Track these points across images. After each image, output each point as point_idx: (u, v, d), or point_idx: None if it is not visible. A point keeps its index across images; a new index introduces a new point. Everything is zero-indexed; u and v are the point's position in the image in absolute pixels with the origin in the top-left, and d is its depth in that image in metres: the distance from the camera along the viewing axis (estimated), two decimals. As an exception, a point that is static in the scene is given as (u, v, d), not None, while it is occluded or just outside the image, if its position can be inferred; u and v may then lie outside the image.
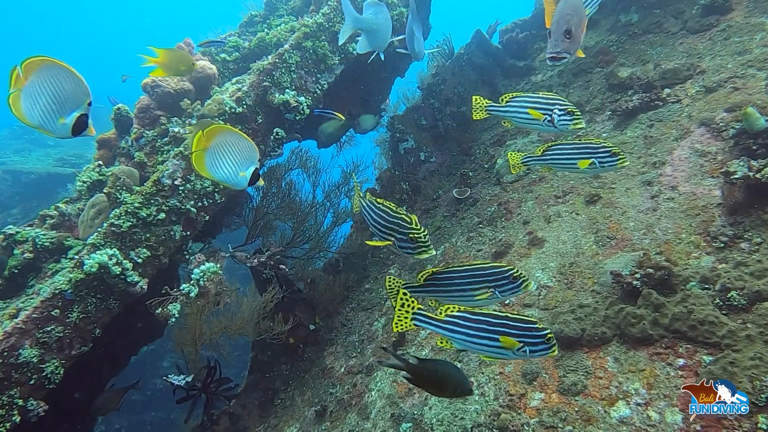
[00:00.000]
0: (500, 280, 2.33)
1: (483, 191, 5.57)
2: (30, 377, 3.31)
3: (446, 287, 2.43)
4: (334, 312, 5.50)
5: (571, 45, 2.47)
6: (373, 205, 2.52)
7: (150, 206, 3.74)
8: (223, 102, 4.02)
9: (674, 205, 3.90)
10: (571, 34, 2.44)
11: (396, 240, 2.41)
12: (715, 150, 4.04)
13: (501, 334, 2.19)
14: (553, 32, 2.48)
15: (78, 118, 2.04)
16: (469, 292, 2.37)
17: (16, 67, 1.92)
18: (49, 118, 1.99)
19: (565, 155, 2.99)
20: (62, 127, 2.02)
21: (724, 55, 4.75)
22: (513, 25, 7.41)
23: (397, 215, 2.43)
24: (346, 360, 4.98)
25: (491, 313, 2.28)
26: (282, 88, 4.29)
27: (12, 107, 1.93)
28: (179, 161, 3.86)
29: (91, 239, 3.58)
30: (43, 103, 1.97)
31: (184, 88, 4.28)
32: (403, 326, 2.38)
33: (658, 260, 3.41)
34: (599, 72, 5.85)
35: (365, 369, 4.64)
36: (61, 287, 3.43)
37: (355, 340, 5.10)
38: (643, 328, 3.21)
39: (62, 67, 1.98)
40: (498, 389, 3.58)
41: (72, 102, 2.01)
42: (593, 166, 2.90)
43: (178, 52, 3.67)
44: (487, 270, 2.36)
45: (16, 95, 1.94)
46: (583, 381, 3.26)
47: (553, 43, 2.47)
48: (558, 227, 4.42)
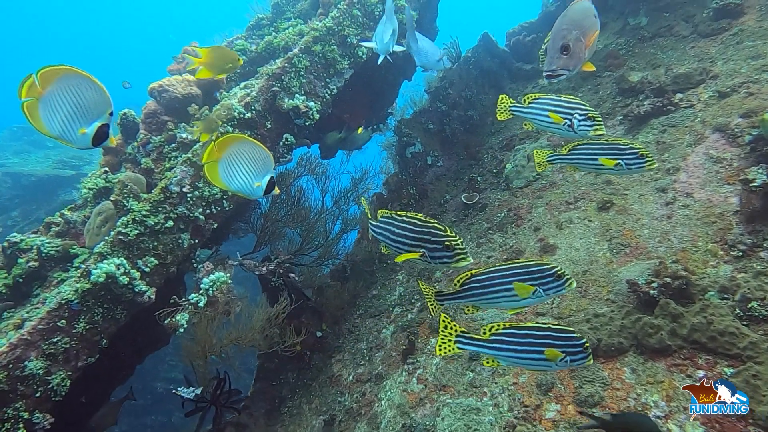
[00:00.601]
0: (545, 278, 2.25)
1: (492, 196, 5.51)
2: (36, 390, 3.24)
3: (488, 289, 2.33)
4: (341, 319, 5.43)
5: (569, 61, 2.34)
6: (394, 219, 2.40)
7: (158, 214, 3.67)
8: (232, 107, 3.96)
9: (690, 213, 3.85)
10: (568, 50, 2.32)
11: (427, 251, 2.29)
12: (730, 156, 3.99)
13: (546, 347, 2.17)
14: (549, 48, 2.37)
15: (99, 129, 1.98)
16: (513, 292, 2.28)
17: (31, 76, 1.85)
18: (69, 128, 1.93)
19: (592, 155, 2.91)
20: (82, 137, 1.96)
21: (737, 60, 4.70)
22: (520, 27, 7.36)
23: (428, 224, 2.31)
24: (354, 368, 4.91)
25: (535, 326, 2.25)
26: (291, 93, 4.22)
27: (29, 117, 1.86)
28: (187, 168, 3.80)
29: (98, 248, 3.51)
30: (63, 113, 1.91)
31: (191, 93, 4.21)
32: (447, 350, 2.32)
33: (675, 269, 3.35)
34: (609, 76, 5.79)
35: (374, 377, 4.58)
36: (67, 297, 3.36)
37: (364, 347, 5.04)
38: (661, 338, 3.15)
39: (84, 77, 1.92)
40: (512, 400, 3.52)
41: (93, 112, 1.95)
42: (619, 167, 2.82)
43: (222, 49, 3.50)
44: (531, 268, 2.28)
45: (33, 104, 1.87)
46: (599, 392, 3.20)
47: (548, 60, 2.36)
48: (570, 234, 4.37)
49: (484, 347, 2.29)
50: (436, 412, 3.81)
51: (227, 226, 4.74)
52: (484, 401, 3.66)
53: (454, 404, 3.77)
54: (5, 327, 3.55)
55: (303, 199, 5.23)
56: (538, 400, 3.41)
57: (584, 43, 2.36)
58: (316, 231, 5.31)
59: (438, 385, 4.00)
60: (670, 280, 3.32)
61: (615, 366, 3.30)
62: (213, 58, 3.35)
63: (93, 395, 4.11)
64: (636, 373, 3.18)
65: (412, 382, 4.22)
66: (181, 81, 4.21)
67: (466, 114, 6.47)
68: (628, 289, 3.54)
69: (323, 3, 4.97)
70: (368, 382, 4.62)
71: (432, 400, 3.93)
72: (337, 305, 5.24)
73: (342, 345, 5.27)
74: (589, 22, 2.40)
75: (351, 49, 4.65)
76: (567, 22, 2.36)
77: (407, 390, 4.19)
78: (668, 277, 3.34)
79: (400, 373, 4.39)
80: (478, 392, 3.74)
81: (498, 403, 3.56)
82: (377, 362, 4.76)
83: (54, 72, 1.88)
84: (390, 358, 4.66)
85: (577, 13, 2.40)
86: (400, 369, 4.44)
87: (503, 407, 3.51)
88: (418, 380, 4.17)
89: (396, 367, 4.51)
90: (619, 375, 3.24)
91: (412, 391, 4.14)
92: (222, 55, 3.43)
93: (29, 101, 1.87)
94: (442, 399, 3.88)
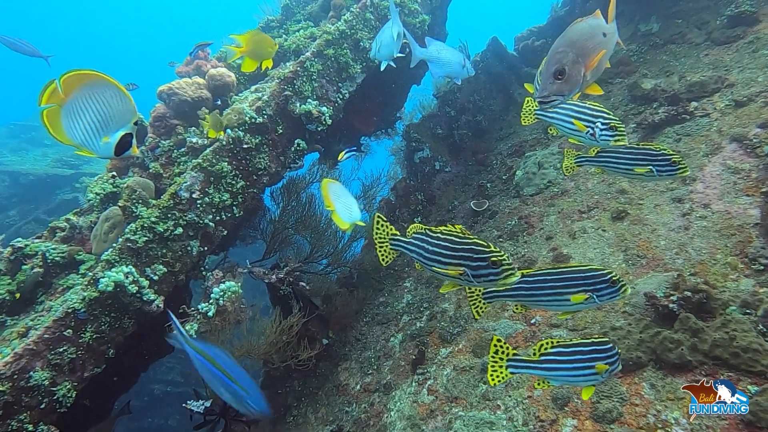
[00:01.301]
0: (599, 283, 2.18)
1: (502, 203, 5.45)
2: (41, 401, 3.15)
3: (537, 290, 2.26)
4: (347, 326, 5.35)
5: (563, 86, 2.12)
6: (428, 235, 2.18)
7: (167, 221, 3.59)
8: (243, 111, 3.87)
9: (708, 224, 3.79)
10: (563, 74, 2.09)
11: (469, 269, 2.06)
12: (748, 167, 3.93)
13: (595, 361, 2.16)
14: (543, 72, 2.15)
15: (122, 138, 1.88)
16: (565, 295, 2.21)
17: (54, 82, 1.75)
18: (92, 137, 1.83)
19: (622, 159, 2.83)
20: (105, 146, 1.86)
21: (753, 68, 4.65)
22: (528, 32, 7.30)
23: (468, 240, 2.09)
24: (361, 377, 4.84)
25: (581, 342, 2.24)
26: (303, 97, 4.14)
27: (48, 125, 1.76)
28: (197, 173, 3.71)
29: (106, 255, 3.42)
30: (86, 122, 1.81)
31: (201, 96, 4.12)
32: (499, 377, 2.27)
33: (695, 282, 3.29)
34: (620, 83, 5.74)
35: (383, 387, 4.50)
36: (74, 306, 3.28)
37: (371, 356, 4.96)
38: (681, 353, 3.09)
39: (110, 84, 1.81)
40: (527, 414, 3.45)
41: (118, 120, 1.85)
42: (650, 174, 2.74)
43: (259, 34, 3.27)
44: (585, 273, 2.21)
45: (55, 111, 1.77)
46: (618, 408, 3.14)
47: (542, 85, 2.14)
48: (584, 244, 4.30)
49: (536, 369, 2.26)
50: (448, 425, 3.74)
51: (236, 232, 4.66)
52: (498, 414, 3.59)
53: (467, 417, 3.70)
54: (9, 335, 3.45)
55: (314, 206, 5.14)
56: (554, 414, 3.34)
57: (584, 66, 2.15)
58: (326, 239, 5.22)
59: (450, 396, 3.93)
60: (690, 293, 3.26)
61: (633, 381, 3.24)
62: (254, 45, 3.15)
63: (96, 405, 4.02)
64: (655, 389, 3.11)
65: (422, 393, 4.15)
66: (191, 84, 4.12)
67: (474, 119, 6.41)
68: (645, 301, 3.48)
69: (334, 6, 4.90)
70: (376, 392, 4.54)
71: (444, 413, 3.86)
72: (345, 313, 5.17)
73: (349, 353, 5.19)
74: (593, 42, 2.19)
75: (364, 53, 4.58)
76: (564, 44, 2.16)
77: (418, 401, 4.11)
78: (688, 290, 3.28)
79: (410, 383, 4.32)
80: (491, 405, 3.67)
81: (512, 417, 3.49)
82: (385, 371, 4.69)
83: (78, 78, 1.78)
84: (399, 368, 4.59)
85: (578, 33, 2.19)
86: (410, 379, 4.37)
87: (518, 421, 3.43)
88: (429, 391, 4.09)
89: (405, 377, 4.44)
90: (637, 390, 3.17)
91: (422, 403, 4.07)
92: (261, 40, 3.24)
93: (50, 108, 1.77)
94: (454, 411, 3.81)
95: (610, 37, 2.28)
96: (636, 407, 3.09)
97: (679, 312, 3.23)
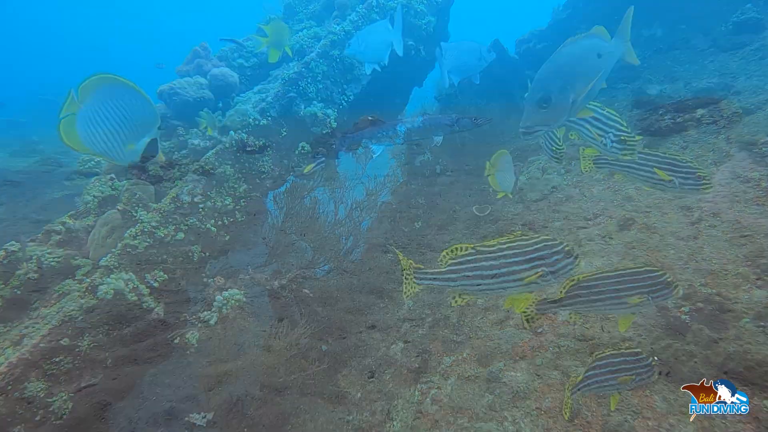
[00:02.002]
0: (656, 285, 2.18)
1: (504, 209, 5.38)
2: (36, 413, 3.03)
3: (596, 295, 2.24)
4: (347, 332, 5.25)
5: (548, 115, 2.01)
6: (478, 253, 2.03)
7: (168, 225, 3.48)
8: (247, 113, 3.77)
9: (718, 233, 3.74)
10: (548, 102, 1.99)
11: (548, 266, 1.97)
12: (758, 176, 3.90)
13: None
14: (527, 99, 2.03)
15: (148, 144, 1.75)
16: (623, 298, 2.20)
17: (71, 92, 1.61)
18: (115, 144, 1.69)
19: (644, 165, 2.76)
20: (131, 153, 1.72)
21: (761, 76, 4.63)
22: (530, 35, 7.25)
23: (537, 238, 2.03)
24: (362, 385, 4.74)
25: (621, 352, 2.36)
26: (308, 99, 4.05)
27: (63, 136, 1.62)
28: (199, 176, 3.61)
29: (105, 261, 3.30)
30: (106, 130, 1.67)
31: (203, 96, 4.01)
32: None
33: (708, 293, 3.25)
34: (623, 88, 5.70)
35: (384, 396, 4.41)
36: (71, 314, 3.15)
37: (372, 363, 4.86)
38: (694, 366, 3.04)
39: (128, 86, 1.67)
40: (535, 426, 3.38)
41: (141, 126, 1.71)
42: (672, 185, 2.67)
43: (278, 22, 3.33)
44: (642, 275, 2.20)
45: (69, 120, 1.63)
46: (629, 421, 3.08)
47: (525, 115, 2.03)
48: (590, 252, 4.24)
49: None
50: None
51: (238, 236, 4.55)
52: (504, 426, 3.52)
53: (473, 428, 3.62)
54: (1, 342, 3.32)
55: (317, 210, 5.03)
56: (563, 428, 3.27)
57: (571, 93, 2.02)
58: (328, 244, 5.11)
59: (454, 407, 3.85)
60: (703, 304, 3.22)
61: (644, 393, 3.18)
62: (276, 35, 3.16)
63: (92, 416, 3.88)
64: (668, 402, 3.06)
65: (426, 402, 4.06)
66: (192, 83, 4.01)
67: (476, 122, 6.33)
68: (656, 312, 3.43)
69: (338, 5, 4.81)
70: (378, 400, 4.45)
71: (448, 423, 3.78)
72: (345, 319, 5.07)
73: (348, 360, 5.09)
74: (584, 66, 2.06)
75: (368, 54, 4.49)
76: (550, 70, 2.04)
77: (421, 411, 4.03)
78: (700, 301, 3.23)
79: (413, 392, 4.23)
80: (498, 416, 3.60)
81: (520, 429, 3.42)
82: (387, 379, 4.59)
83: (94, 82, 1.64)
84: (400, 376, 4.49)
85: (567, 57, 2.05)
86: (413, 388, 4.28)
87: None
88: (433, 401, 4.01)
89: (407, 386, 4.35)
90: (649, 403, 3.12)
91: (426, 413, 3.98)
92: (281, 28, 3.30)
93: (66, 118, 1.63)
94: (459, 422, 3.73)
95: (607, 58, 2.16)
96: (648, 421, 3.04)
97: (691, 324, 3.19)
